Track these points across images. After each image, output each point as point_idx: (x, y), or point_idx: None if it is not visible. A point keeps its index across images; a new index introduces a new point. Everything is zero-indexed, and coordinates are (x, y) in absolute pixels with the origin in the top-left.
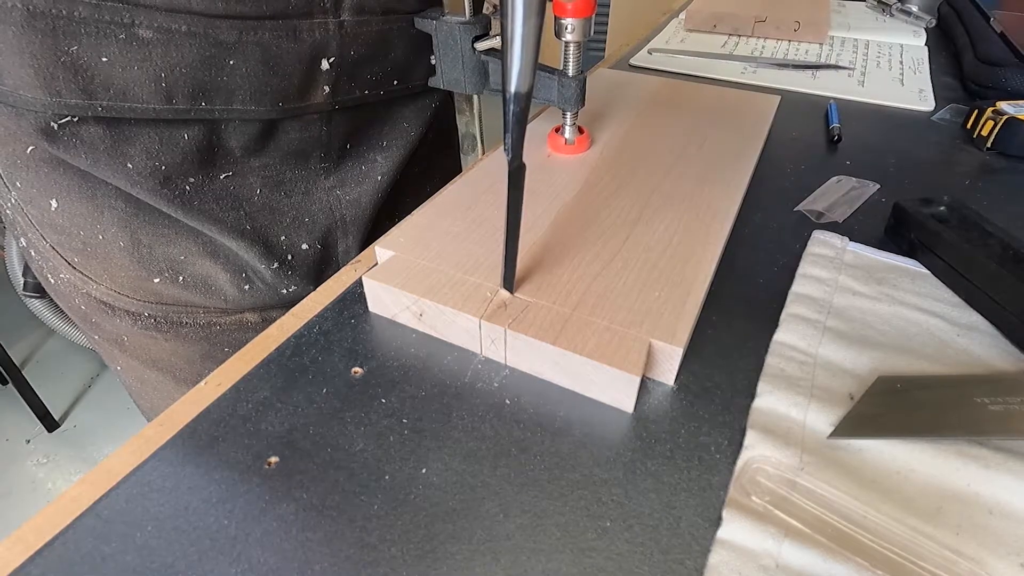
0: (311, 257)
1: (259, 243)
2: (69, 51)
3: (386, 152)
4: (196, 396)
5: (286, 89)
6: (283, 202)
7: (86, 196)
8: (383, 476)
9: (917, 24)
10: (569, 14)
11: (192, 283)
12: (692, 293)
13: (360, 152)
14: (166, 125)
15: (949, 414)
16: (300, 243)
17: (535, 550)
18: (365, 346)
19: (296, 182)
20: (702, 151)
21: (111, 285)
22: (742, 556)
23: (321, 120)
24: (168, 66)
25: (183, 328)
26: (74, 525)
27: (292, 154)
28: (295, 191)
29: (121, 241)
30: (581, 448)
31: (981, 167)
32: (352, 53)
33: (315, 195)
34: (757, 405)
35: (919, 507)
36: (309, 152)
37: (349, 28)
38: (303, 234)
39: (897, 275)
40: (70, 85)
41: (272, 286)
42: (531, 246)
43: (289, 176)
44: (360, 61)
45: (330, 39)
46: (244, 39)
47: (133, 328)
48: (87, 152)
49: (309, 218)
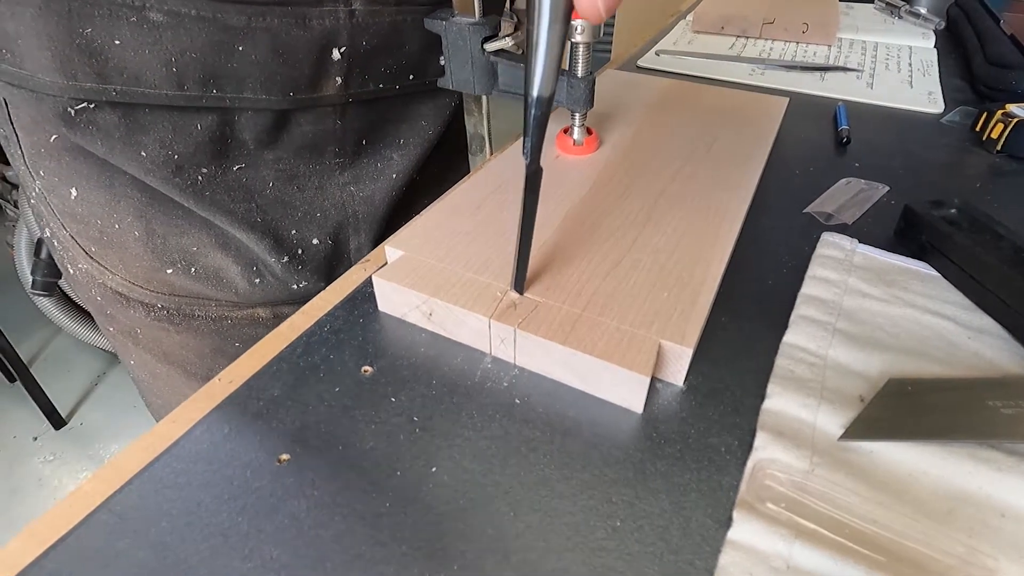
0: (322, 252)
1: (269, 236)
2: (84, 33)
3: (403, 150)
4: (208, 393)
5: (297, 78)
6: (295, 196)
7: (104, 185)
8: (394, 474)
9: (926, 26)
10: (578, 15)
11: (204, 275)
12: (701, 294)
13: (376, 149)
14: (179, 113)
15: (960, 417)
16: (311, 238)
17: (545, 549)
18: (375, 345)
19: (309, 176)
20: (710, 153)
21: (126, 275)
22: (753, 557)
23: (335, 113)
24: (178, 50)
25: (195, 321)
26: (87, 521)
27: (306, 147)
28: (308, 185)
29: (136, 231)
30: (591, 448)
31: (991, 170)
32: (364, 43)
33: (328, 190)
34: (767, 406)
35: (930, 510)
36: (323, 146)
37: (360, 17)
38: (314, 229)
39: (907, 277)
40: (85, 68)
41: (282, 280)
42: (541, 246)
43: (303, 170)
44: (373, 52)
45: (340, 28)
46: (253, 25)
47: (146, 319)
48: (103, 139)
49: (321, 213)
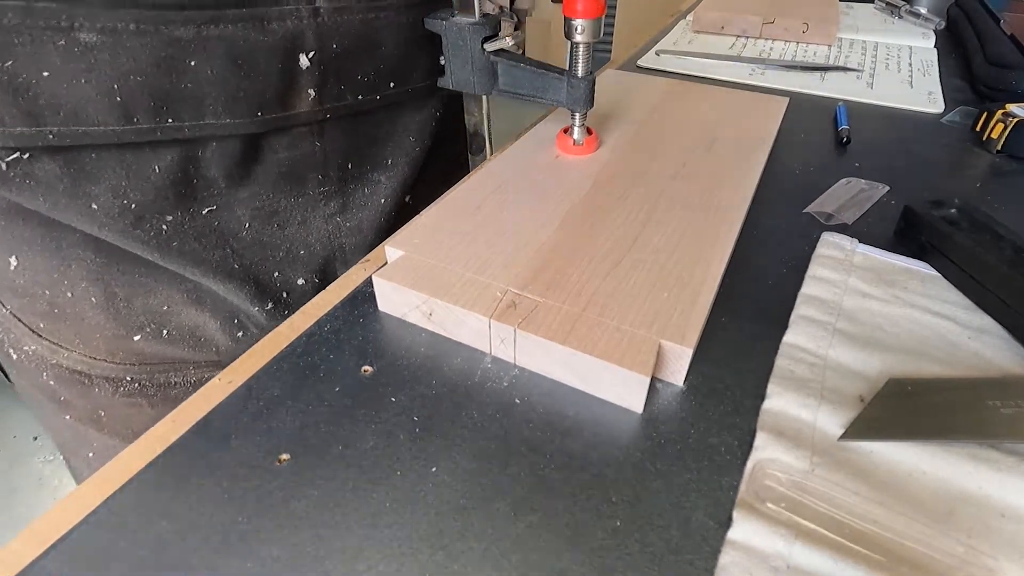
0: (309, 293)
1: (249, 283)
2: (4, 68)
3: (391, 171)
4: (208, 393)
5: (263, 93)
6: (276, 235)
7: (49, 248)
8: (394, 474)
9: (926, 26)
10: (579, 15)
11: (178, 336)
12: (701, 294)
13: (363, 172)
14: (132, 153)
15: (960, 417)
16: (296, 278)
17: (545, 549)
18: (375, 345)
19: (291, 211)
20: (710, 152)
21: (85, 350)
22: (753, 557)
23: (312, 134)
24: (120, 75)
25: (172, 390)
26: (87, 520)
27: (284, 178)
28: (290, 221)
29: (93, 296)
30: (591, 448)
31: (991, 169)
32: (335, 47)
33: (313, 224)
34: (767, 407)
35: (930, 510)
36: (304, 175)
37: (326, 16)
38: (299, 268)
39: (907, 277)
40: (11, 110)
41: (268, 329)
42: (540, 246)
43: (283, 205)
44: (346, 57)
45: (305, 29)
46: (204, 34)
47: (113, 398)
48: (45, 194)
49: (306, 250)
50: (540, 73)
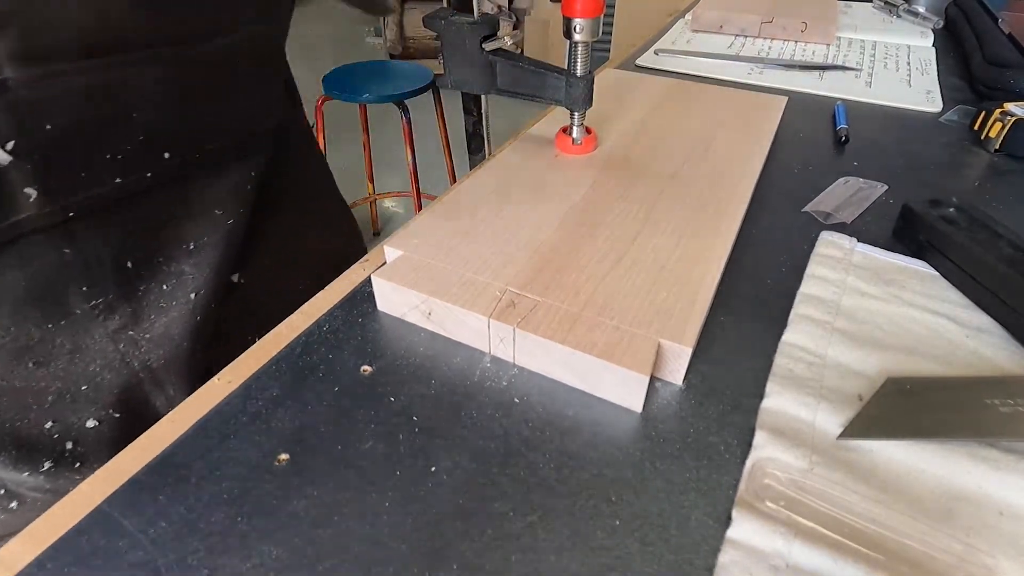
0: (108, 431)
1: (8, 447)
2: None
3: (195, 257)
4: (207, 392)
5: None
6: (34, 376)
7: None
8: (393, 474)
9: (924, 25)
10: (578, 14)
11: None
12: (700, 293)
13: (154, 267)
14: None
15: (958, 416)
16: (84, 420)
17: (544, 549)
18: (374, 345)
19: (51, 341)
20: (709, 152)
21: None
22: (752, 556)
23: (54, 240)
24: None
25: None
26: (86, 521)
27: (27, 303)
28: (54, 355)
29: None
30: (590, 447)
31: (989, 169)
32: (48, 128)
33: (91, 348)
34: (766, 405)
35: (929, 508)
36: (59, 292)
37: (21, 91)
38: (85, 408)
39: (906, 276)
40: None
41: (57, 487)
42: (540, 245)
43: (37, 336)
44: (71, 137)
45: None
46: None
47: None
48: None
49: (89, 384)
50: (539, 72)
